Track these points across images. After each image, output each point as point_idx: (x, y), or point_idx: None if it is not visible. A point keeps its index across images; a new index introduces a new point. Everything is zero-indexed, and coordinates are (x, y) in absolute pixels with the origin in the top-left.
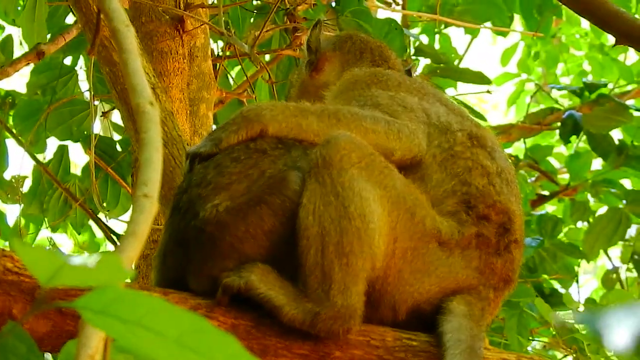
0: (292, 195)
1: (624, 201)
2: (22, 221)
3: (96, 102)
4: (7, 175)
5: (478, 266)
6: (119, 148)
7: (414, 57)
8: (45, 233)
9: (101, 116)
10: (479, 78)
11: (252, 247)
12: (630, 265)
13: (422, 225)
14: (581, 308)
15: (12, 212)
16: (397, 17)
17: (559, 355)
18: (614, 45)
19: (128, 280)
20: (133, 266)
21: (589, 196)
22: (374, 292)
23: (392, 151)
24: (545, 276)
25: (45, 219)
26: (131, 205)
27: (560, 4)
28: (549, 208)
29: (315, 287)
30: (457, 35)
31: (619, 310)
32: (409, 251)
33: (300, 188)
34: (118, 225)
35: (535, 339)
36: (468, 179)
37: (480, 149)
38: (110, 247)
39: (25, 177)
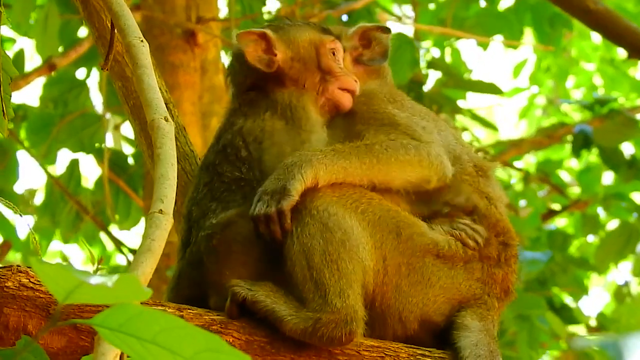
0: None
1: (635, 215)
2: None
3: (108, 115)
4: (19, 187)
5: (481, 277)
6: (130, 161)
7: (425, 70)
8: (56, 245)
9: (113, 128)
10: (491, 88)
11: (263, 250)
12: None
13: (411, 242)
14: (592, 322)
15: (24, 225)
16: (409, 30)
17: None
18: (626, 59)
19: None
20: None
21: (599, 210)
22: (376, 307)
23: (428, 180)
24: (556, 289)
25: (57, 231)
26: (142, 218)
27: (572, 17)
28: (560, 221)
29: (311, 296)
30: (468, 48)
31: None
32: (403, 266)
33: None
34: (129, 238)
35: (547, 352)
36: (472, 200)
37: (483, 179)
38: (120, 258)
39: (37, 190)
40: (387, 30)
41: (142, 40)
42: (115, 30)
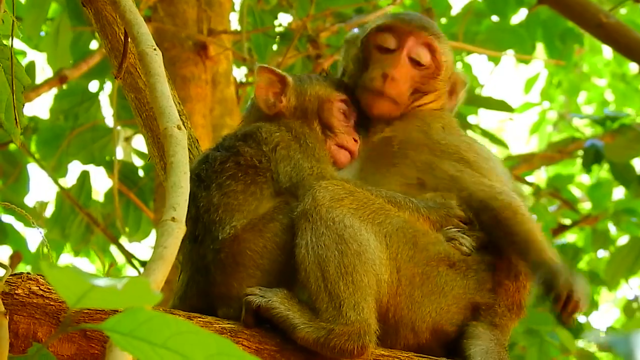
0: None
1: None
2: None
3: (118, 128)
4: (30, 200)
5: (492, 287)
6: (141, 173)
7: None
8: (67, 258)
9: (124, 141)
10: (502, 106)
11: (271, 262)
12: None
13: (426, 252)
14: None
15: (34, 237)
16: None
17: None
18: (637, 74)
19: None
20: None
21: (610, 225)
22: (389, 318)
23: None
24: None
25: (68, 244)
26: (152, 230)
27: (583, 31)
28: (570, 237)
29: (324, 307)
30: (479, 63)
31: None
32: (417, 277)
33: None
34: (139, 251)
35: None
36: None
37: None
38: (131, 272)
39: (47, 203)
40: None
41: (155, 49)
42: (129, 40)
